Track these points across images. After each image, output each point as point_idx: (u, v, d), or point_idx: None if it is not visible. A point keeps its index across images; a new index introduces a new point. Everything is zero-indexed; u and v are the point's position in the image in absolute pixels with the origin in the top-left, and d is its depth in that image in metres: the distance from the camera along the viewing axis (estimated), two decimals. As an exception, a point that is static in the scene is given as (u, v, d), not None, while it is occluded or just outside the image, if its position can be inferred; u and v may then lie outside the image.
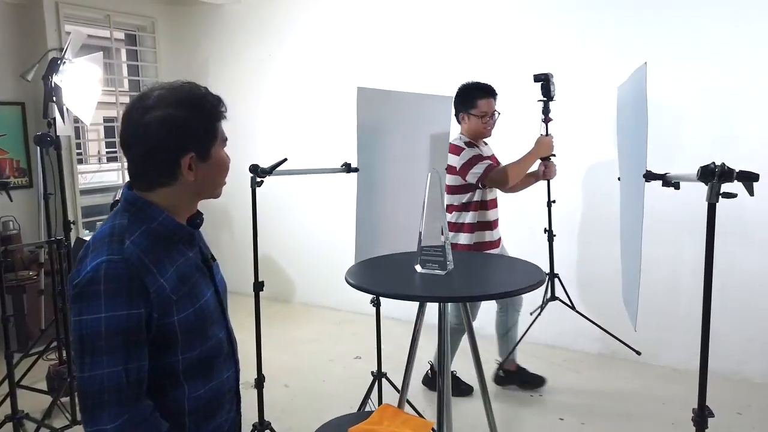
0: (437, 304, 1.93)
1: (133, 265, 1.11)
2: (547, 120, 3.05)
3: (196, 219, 1.29)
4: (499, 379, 3.27)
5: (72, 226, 3.06)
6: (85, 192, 5.09)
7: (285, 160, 2.33)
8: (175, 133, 1.15)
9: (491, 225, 2.98)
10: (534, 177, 3.07)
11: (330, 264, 4.91)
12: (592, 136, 3.62)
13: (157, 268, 1.14)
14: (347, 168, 2.65)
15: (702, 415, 1.48)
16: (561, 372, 3.54)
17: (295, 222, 5.10)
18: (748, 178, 1.44)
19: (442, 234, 1.97)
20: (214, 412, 1.24)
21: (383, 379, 2.88)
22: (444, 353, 1.99)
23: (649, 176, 1.99)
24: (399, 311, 4.12)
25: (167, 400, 1.17)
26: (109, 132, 9.27)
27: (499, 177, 2.83)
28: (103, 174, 5.82)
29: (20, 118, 4.41)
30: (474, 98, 2.95)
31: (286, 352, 3.96)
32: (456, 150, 2.93)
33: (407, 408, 2.76)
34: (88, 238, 1.24)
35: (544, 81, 3.04)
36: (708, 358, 1.57)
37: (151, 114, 1.14)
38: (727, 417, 2.84)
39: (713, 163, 1.47)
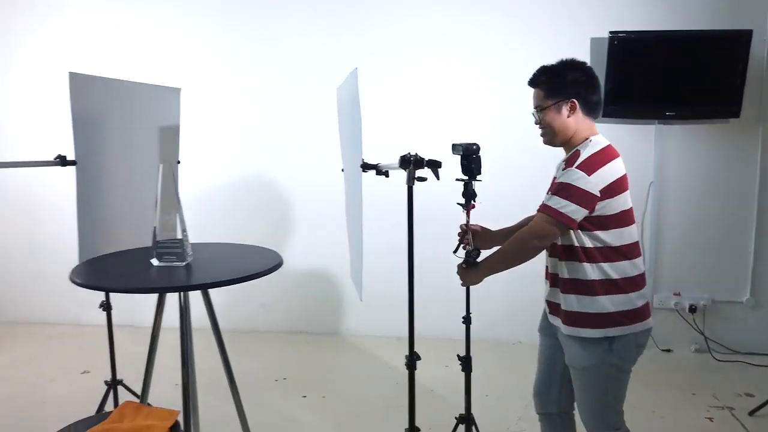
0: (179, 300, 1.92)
1: None
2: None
3: None
4: None
5: None
6: None
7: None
8: None
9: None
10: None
11: (40, 273, 4.33)
12: (320, 132, 3.94)
13: None
14: (62, 161, 2.41)
15: (411, 359, 1.83)
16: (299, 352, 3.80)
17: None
18: (434, 165, 1.81)
19: (180, 226, 1.97)
20: None
21: (120, 387, 2.69)
22: (186, 345, 1.99)
23: (365, 166, 2.30)
24: (130, 317, 3.87)
25: None
26: None
27: None
28: None
29: None
30: None
31: (-11, 380, 3.37)
32: None
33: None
34: None
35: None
36: (414, 322, 1.86)
37: None
38: (436, 366, 3.45)
39: (409, 152, 1.80)
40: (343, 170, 3.02)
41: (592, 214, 1.77)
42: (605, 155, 1.81)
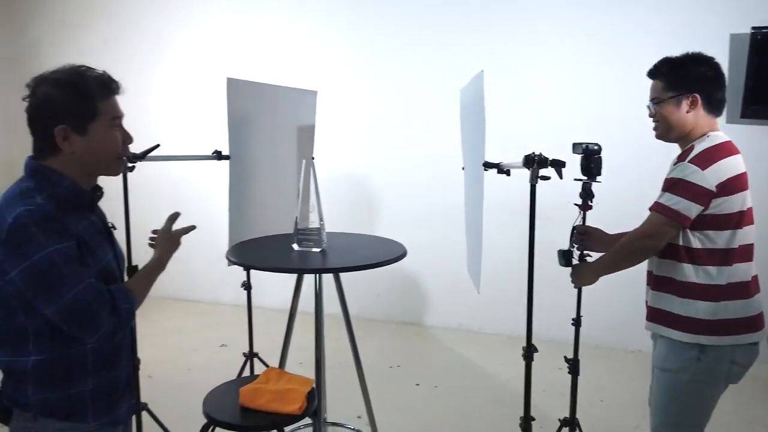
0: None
1: (50, 211, 1.22)
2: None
3: (96, 192, 1.41)
4: None
5: None
6: None
7: (158, 146, 2.36)
8: (45, 107, 1.27)
9: None
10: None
11: (190, 255, 4.84)
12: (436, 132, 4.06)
13: (66, 223, 1.25)
14: (218, 156, 2.74)
15: (529, 351, 1.89)
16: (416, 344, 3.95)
17: (150, 211, 4.94)
18: (558, 165, 1.86)
19: (318, 216, 2.19)
20: (114, 363, 1.38)
21: (256, 359, 3.00)
22: (319, 326, 2.21)
23: (487, 165, 2.39)
24: (263, 299, 4.24)
25: (71, 350, 1.28)
26: None
27: None
28: None
29: None
30: None
31: (145, 345, 3.86)
32: None
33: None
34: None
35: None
36: (532, 323, 1.90)
37: (36, 90, 1.27)
38: (549, 368, 3.44)
39: (533, 152, 1.87)
40: (463, 168, 3.13)
41: (707, 212, 1.65)
42: (722, 150, 1.68)
